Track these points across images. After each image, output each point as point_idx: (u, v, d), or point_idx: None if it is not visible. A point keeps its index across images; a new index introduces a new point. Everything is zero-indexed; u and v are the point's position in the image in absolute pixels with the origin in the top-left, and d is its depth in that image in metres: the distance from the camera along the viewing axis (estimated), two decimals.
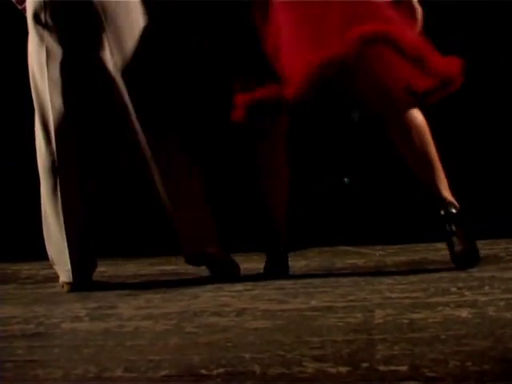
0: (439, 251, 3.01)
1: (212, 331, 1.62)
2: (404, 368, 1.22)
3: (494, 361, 1.22)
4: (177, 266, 3.04)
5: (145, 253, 3.38)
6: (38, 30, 2.38)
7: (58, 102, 2.38)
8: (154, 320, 1.79)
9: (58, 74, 2.38)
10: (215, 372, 1.27)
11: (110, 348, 1.52)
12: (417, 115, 2.32)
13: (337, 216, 3.50)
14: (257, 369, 1.27)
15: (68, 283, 2.41)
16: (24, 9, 2.46)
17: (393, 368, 1.23)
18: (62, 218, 2.39)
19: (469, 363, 1.22)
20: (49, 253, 2.47)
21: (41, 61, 2.38)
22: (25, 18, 2.46)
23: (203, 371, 1.28)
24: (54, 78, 2.38)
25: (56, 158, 2.39)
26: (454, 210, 2.31)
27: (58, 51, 2.38)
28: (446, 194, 2.35)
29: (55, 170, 2.40)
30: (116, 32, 2.37)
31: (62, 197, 2.39)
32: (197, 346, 1.49)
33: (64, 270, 2.42)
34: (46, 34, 2.37)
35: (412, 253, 3.01)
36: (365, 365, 1.26)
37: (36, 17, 2.38)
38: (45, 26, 2.37)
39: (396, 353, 1.33)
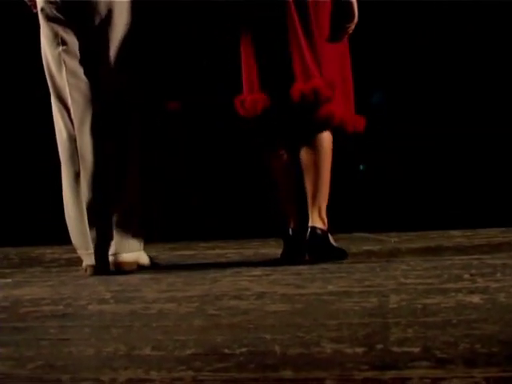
0: (453, 238, 3.07)
1: (233, 314, 1.69)
2: (417, 350, 1.29)
3: (502, 344, 1.29)
4: (196, 251, 3.12)
5: (163, 238, 3.46)
6: (50, 26, 2.46)
7: (77, 93, 2.46)
8: (178, 303, 1.86)
9: (75, 67, 2.46)
10: (238, 351, 1.34)
11: (137, 328, 1.60)
12: (328, 138, 2.51)
13: (352, 203, 3.55)
14: (277, 349, 1.35)
15: (91, 266, 2.49)
16: (33, 5, 2.52)
17: (406, 349, 1.29)
18: (82, 203, 2.47)
19: (478, 346, 1.28)
20: (71, 237, 2.55)
21: (56, 55, 2.46)
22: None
23: (226, 350, 1.35)
24: (72, 71, 2.46)
25: (77, 146, 2.47)
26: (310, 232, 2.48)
27: (73, 45, 2.45)
28: (314, 217, 2.49)
29: (76, 157, 2.47)
30: (116, 30, 2.45)
31: (82, 183, 2.47)
32: (219, 328, 1.56)
33: (86, 254, 2.51)
34: (59, 28, 2.45)
35: (427, 240, 3.07)
36: (379, 346, 1.32)
37: (46, 12, 2.45)
38: (57, 20, 2.44)
39: (409, 335, 1.39)
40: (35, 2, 2.50)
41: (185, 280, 2.25)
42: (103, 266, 2.48)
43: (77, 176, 2.48)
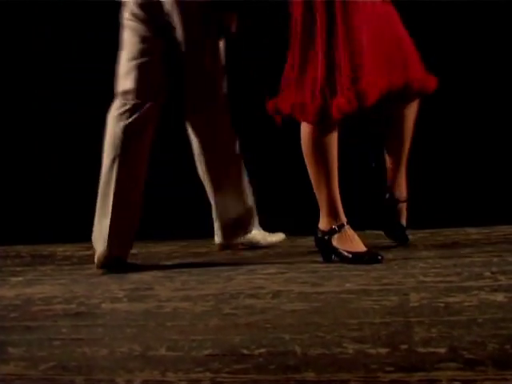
0: (470, 236, 3.01)
1: (250, 313, 1.65)
2: (443, 350, 1.24)
3: None
4: (209, 248, 3.08)
5: (175, 235, 3.42)
6: (131, 25, 2.57)
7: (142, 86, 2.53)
8: (192, 302, 1.82)
9: (147, 62, 2.54)
10: (257, 352, 1.30)
11: (151, 328, 1.56)
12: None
13: (366, 199, 3.49)
14: (297, 349, 1.30)
15: (101, 257, 2.45)
16: None
17: (432, 350, 1.25)
18: (111, 196, 2.47)
19: (507, 346, 1.24)
20: (94, 229, 2.53)
21: (133, 50, 2.55)
22: None
23: (245, 351, 1.31)
24: (143, 66, 2.54)
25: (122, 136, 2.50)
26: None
27: (150, 43, 2.55)
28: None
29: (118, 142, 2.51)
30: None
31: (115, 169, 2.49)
32: (237, 327, 1.52)
33: (100, 243, 2.48)
34: (140, 28, 2.55)
35: (442, 237, 3.02)
36: (404, 346, 1.28)
37: (132, 13, 2.57)
38: (141, 21, 2.55)
39: (434, 335, 1.35)
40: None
41: (198, 278, 2.21)
42: (112, 261, 2.45)
43: (113, 162, 2.49)
